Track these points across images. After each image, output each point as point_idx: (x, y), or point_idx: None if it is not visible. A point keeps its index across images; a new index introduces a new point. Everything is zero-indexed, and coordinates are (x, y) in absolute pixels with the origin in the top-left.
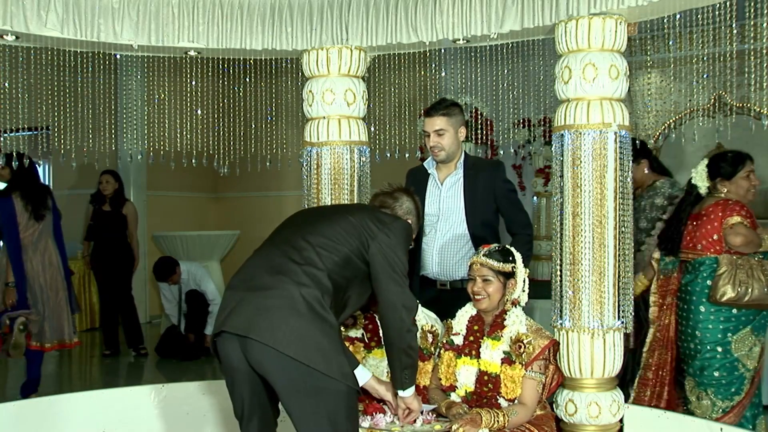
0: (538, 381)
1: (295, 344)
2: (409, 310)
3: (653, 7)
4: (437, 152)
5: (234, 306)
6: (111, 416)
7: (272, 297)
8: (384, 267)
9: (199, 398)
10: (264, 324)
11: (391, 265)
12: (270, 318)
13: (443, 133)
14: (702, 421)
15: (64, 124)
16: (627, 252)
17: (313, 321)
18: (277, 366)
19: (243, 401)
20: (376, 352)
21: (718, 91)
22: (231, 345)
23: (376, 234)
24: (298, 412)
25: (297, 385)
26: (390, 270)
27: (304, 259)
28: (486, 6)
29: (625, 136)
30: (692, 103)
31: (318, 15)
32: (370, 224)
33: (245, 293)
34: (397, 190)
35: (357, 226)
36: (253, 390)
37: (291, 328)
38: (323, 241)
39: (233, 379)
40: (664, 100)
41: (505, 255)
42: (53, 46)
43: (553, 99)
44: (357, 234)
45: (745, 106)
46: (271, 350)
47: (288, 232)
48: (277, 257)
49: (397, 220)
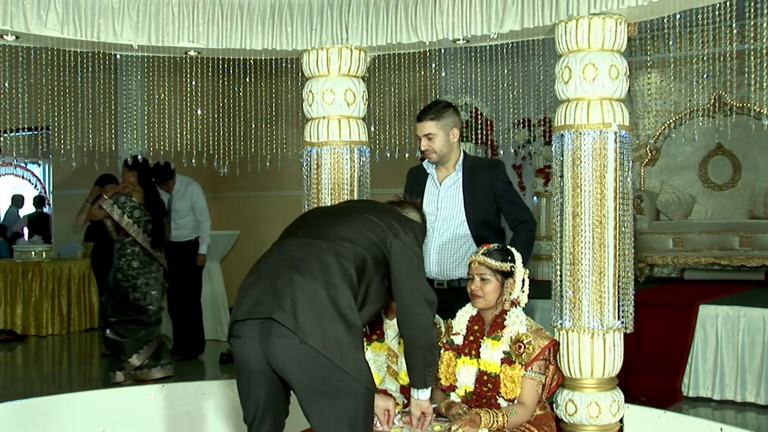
0: (537, 381)
1: (315, 335)
2: (432, 305)
3: (653, 7)
4: (429, 155)
5: (253, 296)
6: (111, 416)
7: (295, 291)
8: (407, 263)
9: (199, 398)
10: (287, 310)
11: (413, 261)
12: (294, 307)
13: (433, 137)
14: (702, 421)
15: (64, 124)
16: (627, 252)
17: (336, 317)
18: (296, 357)
19: (258, 403)
20: (375, 345)
21: (718, 91)
22: (250, 340)
23: (399, 232)
24: (317, 414)
25: (315, 382)
26: (413, 266)
27: (325, 257)
28: (486, 6)
29: (625, 136)
30: (692, 103)
31: (318, 15)
32: (394, 223)
33: (266, 287)
34: (406, 202)
35: (381, 225)
36: (269, 392)
37: (313, 320)
38: (343, 240)
39: (249, 379)
40: (664, 100)
41: (504, 254)
42: (53, 46)
43: (553, 99)
44: (378, 233)
45: (745, 106)
46: (291, 338)
47: (305, 231)
48: (297, 253)
49: (415, 221)
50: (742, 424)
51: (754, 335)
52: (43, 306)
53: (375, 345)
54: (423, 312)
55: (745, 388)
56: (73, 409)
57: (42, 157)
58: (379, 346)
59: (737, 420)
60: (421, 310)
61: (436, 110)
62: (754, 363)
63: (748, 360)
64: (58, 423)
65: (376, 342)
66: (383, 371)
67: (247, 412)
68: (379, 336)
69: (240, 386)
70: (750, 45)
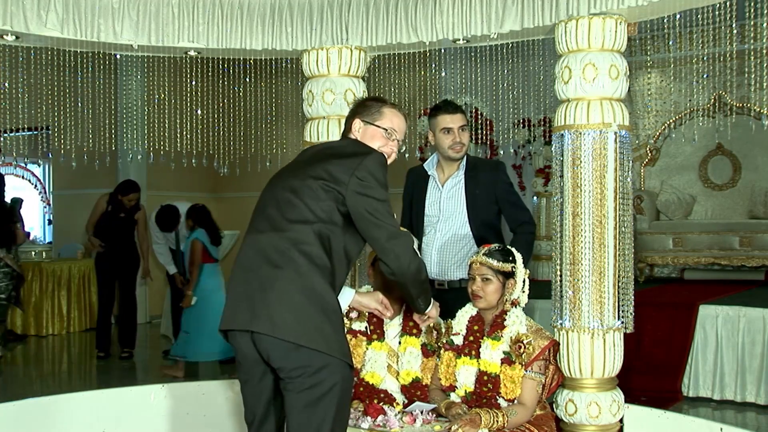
0: (537, 381)
1: (295, 331)
2: (399, 238)
3: (653, 7)
4: (459, 149)
5: (232, 306)
6: (111, 416)
7: (266, 295)
8: (363, 217)
9: (199, 398)
10: (262, 316)
11: (369, 212)
12: (268, 311)
13: (465, 129)
14: (702, 421)
15: (64, 124)
16: (627, 252)
17: (313, 307)
18: (282, 351)
19: (260, 399)
20: (375, 345)
21: (718, 91)
22: (241, 335)
23: (347, 182)
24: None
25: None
26: (370, 217)
27: (286, 250)
28: (486, 6)
29: (625, 136)
30: (692, 103)
31: (318, 15)
32: (338, 174)
33: (241, 296)
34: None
35: (326, 187)
36: (273, 385)
37: (290, 316)
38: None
39: (250, 374)
40: (664, 100)
41: (505, 255)
42: (53, 46)
43: (553, 99)
44: (329, 196)
45: (745, 106)
46: (272, 339)
47: (263, 225)
48: (261, 251)
49: (364, 157)
50: (742, 424)
51: (754, 335)
52: (43, 306)
53: (375, 345)
54: (392, 257)
55: (745, 388)
56: (73, 409)
57: (42, 157)
58: (379, 346)
59: (737, 420)
60: (390, 257)
61: (459, 105)
62: (754, 363)
63: (748, 360)
64: (58, 423)
65: (376, 342)
66: (383, 371)
67: (251, 408)
68: (379, 336)
69: (240, 380)
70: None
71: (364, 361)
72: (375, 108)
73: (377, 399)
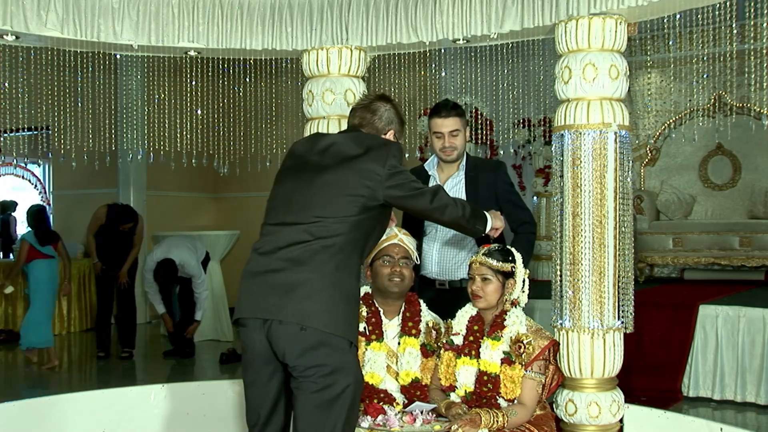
0: (537, 381)
1: (319, 318)
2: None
3: (653, 7)
4: (450, 152)
5: (255, 295)
6: (111, 416)
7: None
8: (405, 197)
9: (199, 398)
10: (287, 305)
11: (408, 192)
12: (292, 300)
13: (457, 134)
14: (702, 421)
15: (64, 124)
16: (627, 252)
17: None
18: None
19: (266, 400)
20: (375, 345)
21: (718, 91)
22: (255, 329)
23: (382, 175)
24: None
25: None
26: (411, 193)
27: (312, 241)
28: (486, 6)
29: (625, 136)
30: (692, 103)
31: (318, 15)
32: (372, 167)
33: (265, 285)
34: (373, 100)
35: (363, 182)
36: (280, 383)
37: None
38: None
39: (258, 374)
40: (664, 100)
41: (505, 255)
42: (53, 46)
43: (553, 99)
44: (361, 192)
45: (745, 106)
46: (292, 325)
47: (289, 216)
48: (286, 241)
49: (384, 146)
50: (742, 424)
51: (754, 335)
52: None
53: (375, 345)
54: (438, 210)
55: (745, 388)
56: (73, 409)
57: (42, 157)
58: (379, 346)
59: (737, 420)
60: (437, 212)
61: (457, 107)
62: (754, 363)
63: (748, 360)
64: (58, 423)
65: (375, 342)
66: (383, 371)
67: (252, 411)
68: (378, 336)
69: (248, 379)
70: (750, 45)
71: (363, 362)
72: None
73: (377, 399)
